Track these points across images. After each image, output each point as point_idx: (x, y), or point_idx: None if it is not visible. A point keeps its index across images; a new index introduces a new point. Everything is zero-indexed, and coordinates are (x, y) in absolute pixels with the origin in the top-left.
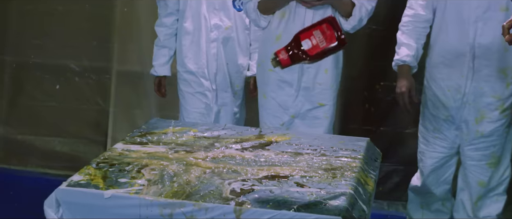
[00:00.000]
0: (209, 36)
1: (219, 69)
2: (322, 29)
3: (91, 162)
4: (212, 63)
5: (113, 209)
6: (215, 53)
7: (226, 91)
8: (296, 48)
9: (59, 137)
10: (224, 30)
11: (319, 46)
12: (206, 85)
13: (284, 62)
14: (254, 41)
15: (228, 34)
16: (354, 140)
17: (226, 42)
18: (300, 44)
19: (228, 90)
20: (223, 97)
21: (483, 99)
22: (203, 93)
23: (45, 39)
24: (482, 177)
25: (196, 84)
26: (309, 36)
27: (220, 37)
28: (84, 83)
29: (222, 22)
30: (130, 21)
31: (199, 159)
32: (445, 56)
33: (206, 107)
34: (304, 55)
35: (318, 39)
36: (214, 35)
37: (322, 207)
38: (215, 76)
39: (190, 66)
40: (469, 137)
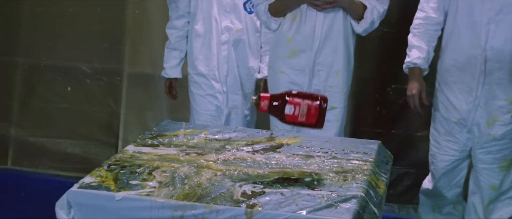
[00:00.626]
0: (220, 39)
1: (230, 72)
2: (309, 106)
3: (103, 164)
4: (223, 65)
5: (124, 211)
6: (226, 56)
7: (236, 93)
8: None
9: (70, 139)
10: (235, 33)
11: (297, 118)
12: (217, 88)
13: (261, 110)
14: (264, 44)
15: (239, 37)
16: (365, 143)
17: (236, 45)
18: (284, 107)
19: (238, 93)
20: (234, 100)
21: (495, 102)
22: (214, 96)
23: (56, 41)
24: (494, 180)
25: (207, 87)
26: (295, 104)
27: (231, 39)
28: (96, 85)
29: (233, 24)
30: (142, 23)
31: (210, 161)
32: (457, 59)
33: (217, 109)
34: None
35: (301, 112)
36: (225, 37)
37: (333, 210)
38: (226, 78)
39: (201, 68)
40: (481, 140)
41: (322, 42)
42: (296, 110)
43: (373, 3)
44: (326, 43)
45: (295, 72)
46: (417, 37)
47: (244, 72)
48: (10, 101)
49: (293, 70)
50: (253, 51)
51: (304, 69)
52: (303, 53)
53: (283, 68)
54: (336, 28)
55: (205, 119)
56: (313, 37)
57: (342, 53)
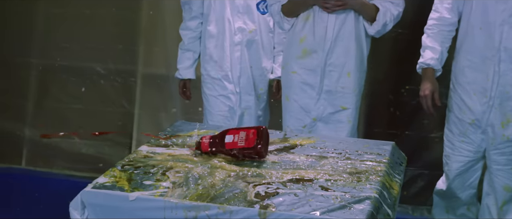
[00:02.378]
0: (233, 40)
1: (243, 72)
2: (248, 133)
3: (116, 164)
4: (236, 66)
5: (138, 212)
6: (239, 57)
7: (249, 94)
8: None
9: (84, 140)
10: (248, 33)
11: (237, 144)
12: (230, 88)
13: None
14: (278, 44)
15: (252, 37)
16: (379, 143)
17: (250, 45)
18: (224, 137)
19: (251, 93)
20: (247, 100)
21: (509, 103)
22: (227, 96)
23: (71, 42)
24: (508, 181)
25: (220, 87)
26: (234, 133)
27: (244, 40)
28: (110, 85)
29: (246, 25)
30: (156, 24)
31: (224, 162)
32: (471, 59)
33: (230, 110)
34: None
35: (239, 138)
36: (238, 38)
37: (346, 210)
38: (239, 79)
39: (214, 69)
40: (495, 141)
41: (333, 42)
42: (235, 138)
43: (387, 6)
44: (337, 43)
45: (307, 72)
46: (430, 37)
47: (257, 72)
48: (25, 101)
49: (305, 70)
50: (266, 52)
51: (316, 70)
52: (315, 53)
53: (295, 68)
54: (348, 29)
55: (218, 120)
56: (325, 38)
57: (353, 54)
